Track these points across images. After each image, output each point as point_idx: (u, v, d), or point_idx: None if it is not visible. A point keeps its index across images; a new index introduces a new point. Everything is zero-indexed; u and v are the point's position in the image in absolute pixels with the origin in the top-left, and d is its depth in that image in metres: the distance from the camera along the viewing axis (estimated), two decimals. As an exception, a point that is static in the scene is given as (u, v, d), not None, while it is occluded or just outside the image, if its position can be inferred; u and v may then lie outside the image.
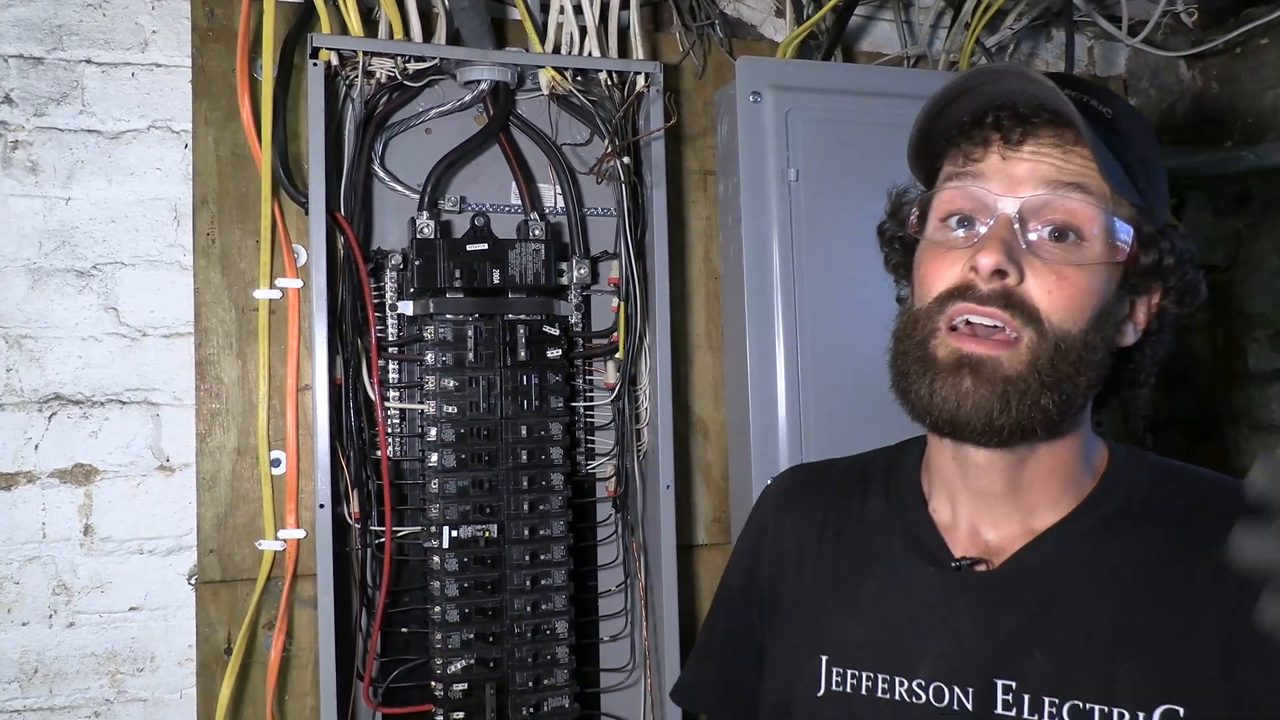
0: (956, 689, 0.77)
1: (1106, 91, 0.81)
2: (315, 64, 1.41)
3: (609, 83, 1.55)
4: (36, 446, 1.44)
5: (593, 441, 1.59)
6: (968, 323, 0.74)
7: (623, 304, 1.55)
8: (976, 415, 0.73)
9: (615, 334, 1.56)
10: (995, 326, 0.73)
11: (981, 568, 0.80)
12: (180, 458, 1.49)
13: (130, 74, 1.50)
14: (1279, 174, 1.74)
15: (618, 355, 1.55)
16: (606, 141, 1.53)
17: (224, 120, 1.50)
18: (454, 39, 1.53)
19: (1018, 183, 0.75)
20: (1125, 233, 0.75)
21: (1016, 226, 0.74)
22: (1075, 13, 1.79)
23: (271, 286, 1.47)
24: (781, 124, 1.57)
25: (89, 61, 1.48)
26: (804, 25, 1.66)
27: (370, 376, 1.44)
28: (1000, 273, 0.73)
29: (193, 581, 1.48)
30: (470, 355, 1.46)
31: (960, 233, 0.77)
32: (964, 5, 1.74)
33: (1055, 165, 0.74)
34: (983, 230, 0.75)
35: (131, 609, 1.46)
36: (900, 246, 0.87)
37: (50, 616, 1.44)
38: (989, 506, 0.82)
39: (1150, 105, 2.01)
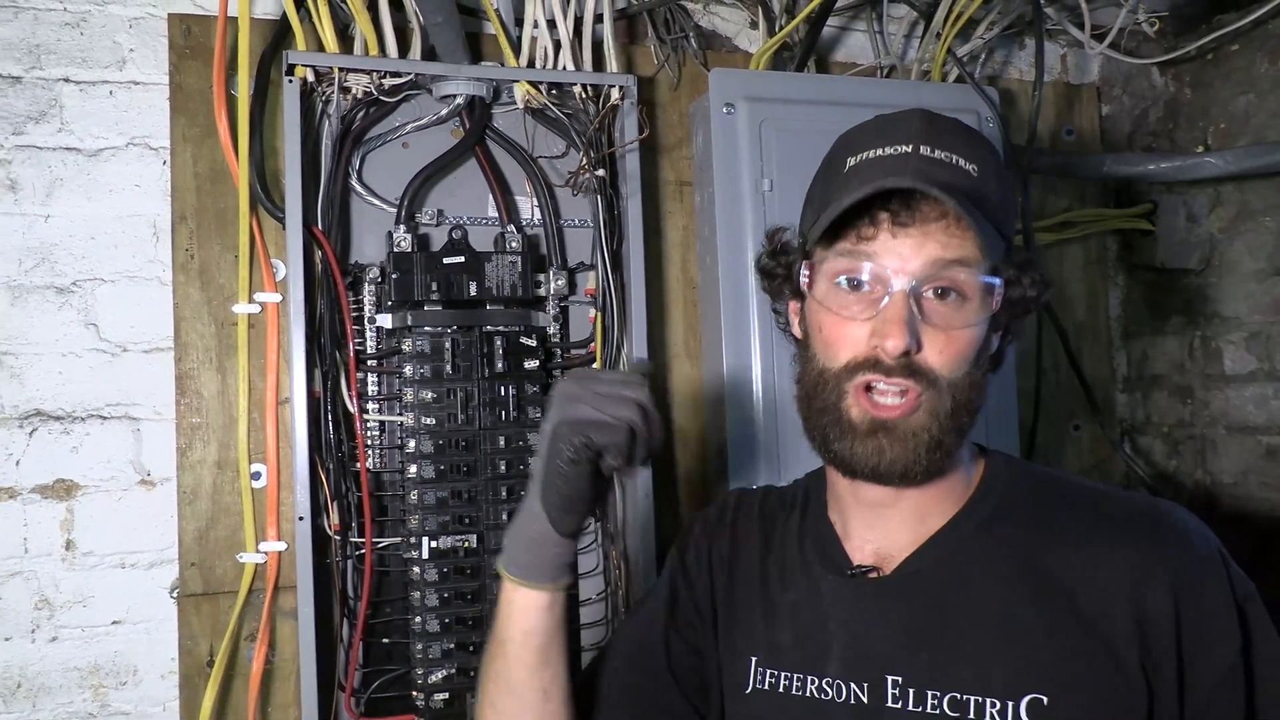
0: (854, 684, 0.87)
1: (967, 135, 0.87)
2: (291, 80, 1.42)
3: (584, 96, 1.57)
4: (18, 462, 1.45)
5: (572, 451, 1.60)
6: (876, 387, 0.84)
7: (599, 315, 1.56)
8: (894, 468, 0.84)
9: (593, 344, 1.57)
10: (901, 391, 0.83)
11: (874, 574, 0.91)
12: (161, 472, 1.50)
13: (109, 92, 1.51)
14: (1250, 179, 1.76)
15: (595, 366, 1.57)
16: (582, 154, 1.54)
17: (202, 137, 1.51)
18: (429, 54, 1.54)
19: (907, 259, 0.82)
20: (998, 284, 0.84)
21: (911, 301, 0.82)
22: (1046, 21, 1.81)
23: (250, 301, 1.48)
24: (755, 135, 1.58)
25: (67, 80, 1.50)
26: (777, 37, 1.67)
27: (349, 389, 1.45)
28: (905, 352, 0.81)
29: (174, 595, 1.49)
30: (448, 367, 1.47)
31: (852, 295, 0.85)
32: (935, 15, 1.75)
33: (940, 243, 0.82)
34: (874, 297, 0.83)
35: (114, 623, 1.47)
36: (781, 283, 0.94)
37: (33, 631, 1.44)
38: (880, 517, 0.92)
39: (1123, 112, 2.03)
